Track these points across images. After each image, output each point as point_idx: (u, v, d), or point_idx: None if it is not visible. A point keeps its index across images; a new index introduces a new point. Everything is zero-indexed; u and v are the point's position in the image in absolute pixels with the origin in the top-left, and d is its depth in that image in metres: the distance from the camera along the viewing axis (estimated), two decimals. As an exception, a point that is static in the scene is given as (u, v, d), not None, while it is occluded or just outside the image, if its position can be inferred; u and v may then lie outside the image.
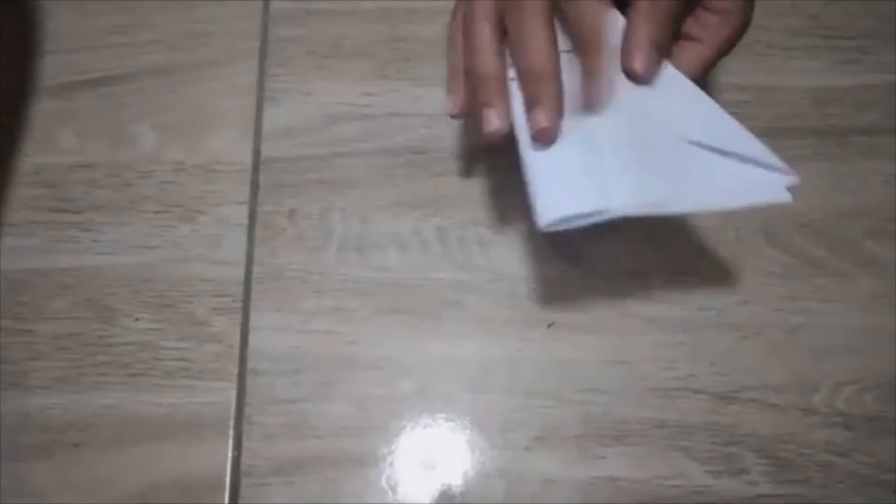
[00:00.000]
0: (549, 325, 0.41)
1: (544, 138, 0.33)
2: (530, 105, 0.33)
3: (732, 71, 0.45)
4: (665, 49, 0.33)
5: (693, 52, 0.35)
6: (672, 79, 0.34)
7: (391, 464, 0.40)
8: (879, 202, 0.44)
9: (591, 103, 0.33)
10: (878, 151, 0.44)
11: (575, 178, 0.32)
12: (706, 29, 0.35)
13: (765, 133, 0.44)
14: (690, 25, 0.35)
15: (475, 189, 0.44)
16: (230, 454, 0.40)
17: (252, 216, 0.44)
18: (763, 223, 0.43)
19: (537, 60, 0.33)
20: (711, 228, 0.43)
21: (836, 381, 0.40)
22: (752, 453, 0.39)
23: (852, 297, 0.42)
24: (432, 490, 0.39)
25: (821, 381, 0.40)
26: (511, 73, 0.34)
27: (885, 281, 0.42)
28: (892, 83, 0.46)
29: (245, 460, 0.40)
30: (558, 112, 0.33)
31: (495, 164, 0.44)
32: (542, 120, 0.32)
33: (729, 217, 0.43)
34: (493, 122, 0.34)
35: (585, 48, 0.33)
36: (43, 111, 0.46)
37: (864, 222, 0.43)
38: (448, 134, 0.45)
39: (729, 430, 0.40)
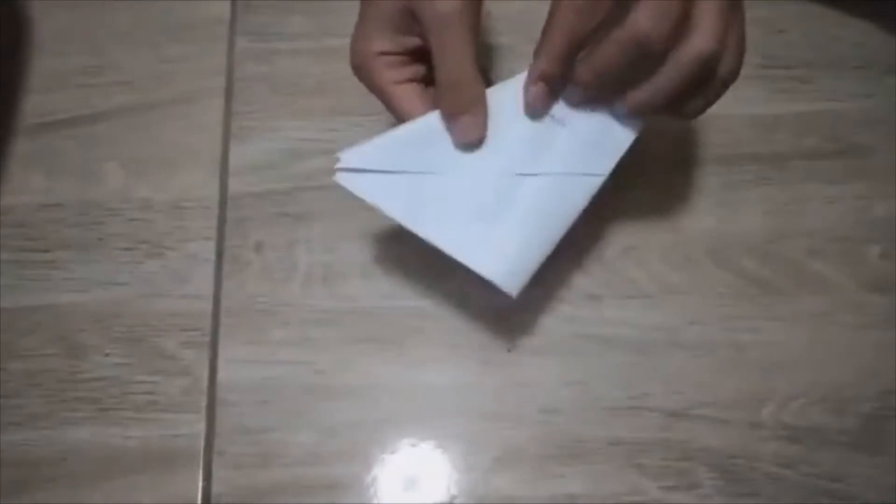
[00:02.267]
0: (508, 350, 0.43)
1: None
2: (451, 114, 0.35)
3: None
4: (557, 77, 0.35)
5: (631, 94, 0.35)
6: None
7: (359, 489, 0.41)
8: (821, 223, 0.46)
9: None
10: (819, 175, 0.47)
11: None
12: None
13: (710, 160, 0.47)
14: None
15: (436, 219, 0.46)
16: (201, 484, 0.41)
17: (219, 251, 0.45)
18: (710, 246, 0.45)
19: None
20: (661, 250, 0.45)
21: (782, 396, 0.42)
22: (704, 468, 0.41)
23: (797, 315, 0.44)
24: (399, 513, 0.41)
25: (768, 397, 0.42)
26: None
27: (828, 299, 0.44)
28: (830, 110, 0.48)
29: (216, 490, 0.41)
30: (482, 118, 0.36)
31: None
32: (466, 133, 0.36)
33: (678, 240, 0.45)
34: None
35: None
36: (11, 151, 0.47)
37: (807, 243, 0.45)
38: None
39: (681, 446, 0.41)
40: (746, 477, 0.41)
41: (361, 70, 0.37)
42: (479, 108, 0.35)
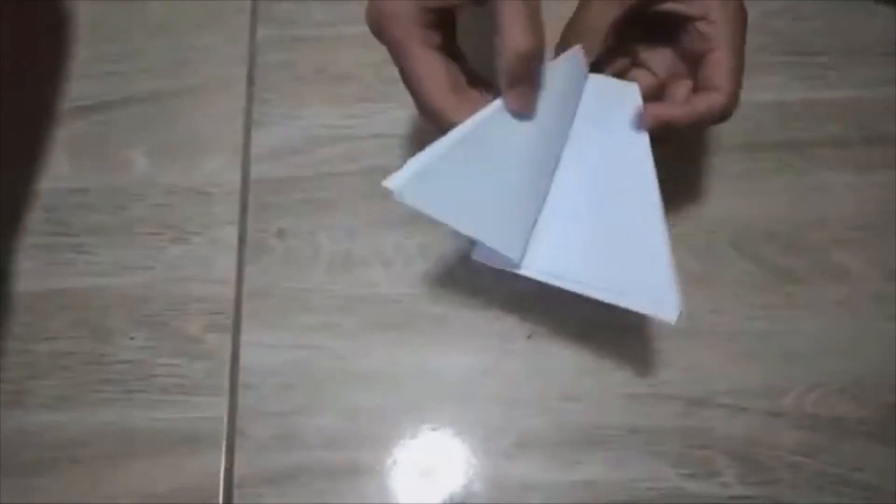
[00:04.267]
0: (528, 337, 0.43)
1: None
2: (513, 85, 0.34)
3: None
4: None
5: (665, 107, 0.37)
6: (638, 162, 0.36)
7: (379, 473, 0.41)
8: (843, 212, 0.45)
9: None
10: (841, 163, 0.46)
11: (515, 226, 0.36)
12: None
13: (733, 147, 0.47)
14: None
15: (456, 206, 0.46)
16: (223, 466, 0.41)
17: (242, 236, 0.46)
18: (732, 234, 0.45)
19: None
20: (682, 238, 0.45)
21: (803, 386, 0.42)
22: (723, 456, 0.41)
23: (819, 303, 0.44)
24: (419, 497, 0.41)
25: (789, 386, 0.42)
26: None
27: (850, 287, 0.44)
28: (853, 97, 0.48)
29: (237, 472, 0.41)
30: None
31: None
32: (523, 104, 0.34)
33: (699, 228, 0.45)
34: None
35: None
36: (39, 138, 0.48)
37: (830, 231, 0.45)
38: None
39: (701, 434, 0.41)
40: (766, 465, 0.41)
41: (388, 19, 0.33)
42: (537, 82, 0.34)
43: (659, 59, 0.39)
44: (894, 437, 0.41)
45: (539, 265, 0.36)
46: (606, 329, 0.43)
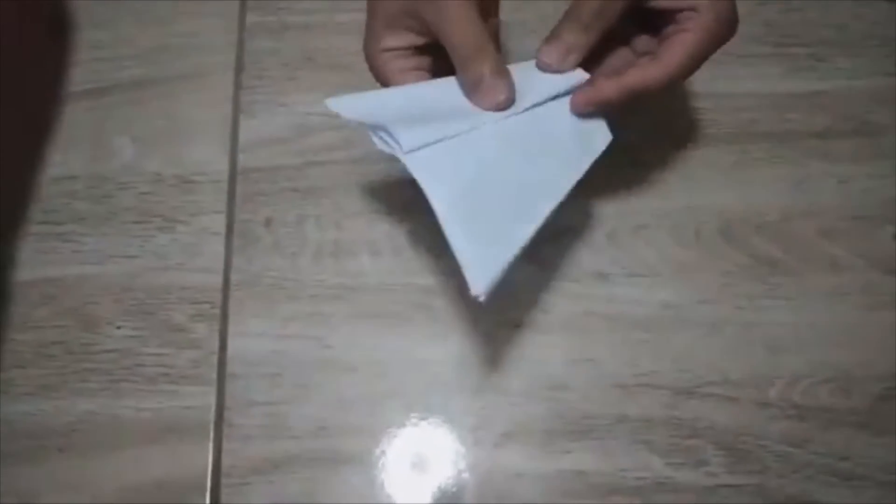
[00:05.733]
0: (516, 326, 0.43)
1: None
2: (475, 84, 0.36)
3: (691, 79, 0.46)
4: (579, 48, 0.36)
5: (640, 71, 0.36)
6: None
7: (367, 462, 0.41)
8: (833, 203, 0.45)
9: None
10: (832, 154, 0.46)
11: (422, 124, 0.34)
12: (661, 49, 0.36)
13: (723, 138, 0.47)
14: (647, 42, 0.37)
15: (446, 195, 0.46)
16: (211, 456, 0.41)
17: (229, 225, 0.45)
18: (721, 224, 0.45)
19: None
20: (672, 227, 0.45)
21: (791, 376, 0.42)
22: (711, 446, 0.41)
23: (807, 294, 0.44)
24: (407, 487, 0.41)
25: (777, 376, 0.42)
26: None
27: (839, 279, 0.44)
28: (845, 88, 0.48)
29: (225, 461, 0.41)
30: None
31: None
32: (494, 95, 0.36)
33: (688, 218, 0.45)
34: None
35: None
36: (24, 125, 0.48)
37: (819, 222, 0.45)
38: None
39: (689, 423, 0.41)
40: (754, 455, 0.41)
41: (372, 67, 0.38)
42: (501, 71, 0.35)
43: (640, 42, 0.38)
44: (881, 426, 0.41)
45: (419, 160, 0.34)
46: (594, 319, 0.43)
